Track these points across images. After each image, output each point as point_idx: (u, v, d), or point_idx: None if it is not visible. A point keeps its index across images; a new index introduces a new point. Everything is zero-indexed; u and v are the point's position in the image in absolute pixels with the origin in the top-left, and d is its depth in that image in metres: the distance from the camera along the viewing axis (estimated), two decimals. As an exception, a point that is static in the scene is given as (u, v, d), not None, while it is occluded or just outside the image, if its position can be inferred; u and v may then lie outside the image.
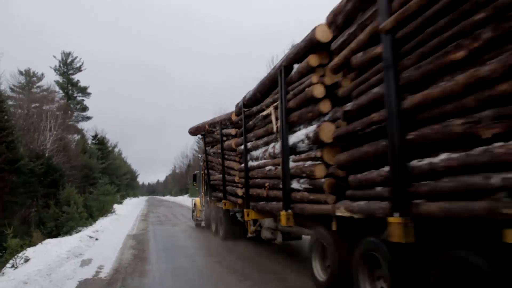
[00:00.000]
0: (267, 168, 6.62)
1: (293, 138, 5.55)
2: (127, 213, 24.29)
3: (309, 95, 4.91)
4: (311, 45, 4.94)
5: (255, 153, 7.43)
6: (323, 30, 4.71)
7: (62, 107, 31.65)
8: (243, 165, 7.98)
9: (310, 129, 5.02)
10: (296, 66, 5.49)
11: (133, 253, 9.01)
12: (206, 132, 11.67)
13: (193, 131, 13.04)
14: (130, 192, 59.33)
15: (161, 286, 5.97)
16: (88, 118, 41.63)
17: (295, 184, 5.47)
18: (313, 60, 4.91)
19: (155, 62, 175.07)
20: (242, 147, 7.98)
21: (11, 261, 7.66)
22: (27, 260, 7.60)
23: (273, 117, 6.27)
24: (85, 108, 41.56)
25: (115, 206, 25.90)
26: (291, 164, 5.55)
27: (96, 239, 11.58)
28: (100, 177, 26.00)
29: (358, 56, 3.96)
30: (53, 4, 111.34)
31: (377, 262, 3.75)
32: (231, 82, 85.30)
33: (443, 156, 2.85)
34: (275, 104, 6.17)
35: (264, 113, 6.66)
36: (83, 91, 41.61)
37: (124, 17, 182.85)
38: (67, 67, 40.78)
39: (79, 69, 41.28)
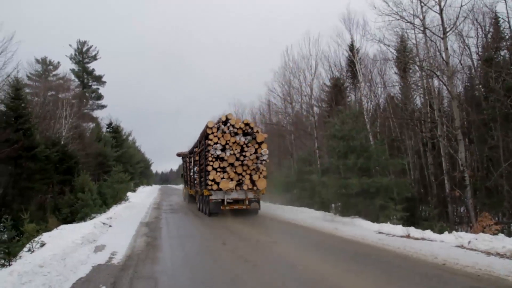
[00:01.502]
0: (193, 175, 20.86)
1: (195, 169, 19.71)
2: (141, 201, 24.70)
3: (193, 159, 19.57)
4: (196, 145, 19.26)
5: (192, 170, 21.28)
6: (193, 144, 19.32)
7: (77, 95, 32.05)
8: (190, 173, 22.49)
9: (196, 168, 19.12)
10: (195, 149, 19.82)
11: (146, 240, 9.14)
12: (182, 156, 26.53)
13: (178, 155, 27.56)
14: (144, 180, 60.16)
15: (173, 274, 6.03)
16: (103, 106, 41.74)
17: (195, 182, 19.48)
18: (197, 150, 18.73)
19: (172, 52, 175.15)
20: (190, 166, 22.31)
21: (27, 245, 7.81)
22: (43, 244, 7.77)
23: (192, 161, 20.81)
24: (100, 97, 41.63)
25: (129, 194, 26.20)
26: (195, 176, 19.60)
27: (110, 226, 11.76)
28: (114, 165, 26.21)
29: (197, 156, 18.26)
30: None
31: (202, 200, 17.52)
32: (248, 72, 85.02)
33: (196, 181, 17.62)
34: (192, 157, 20.90)
35: (191, 158, 21.46)
36: (98, 79, 41.69)
37: (141, 6, 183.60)
38: (83, 55, 40.82)
39: (94, 58, 41.35)
